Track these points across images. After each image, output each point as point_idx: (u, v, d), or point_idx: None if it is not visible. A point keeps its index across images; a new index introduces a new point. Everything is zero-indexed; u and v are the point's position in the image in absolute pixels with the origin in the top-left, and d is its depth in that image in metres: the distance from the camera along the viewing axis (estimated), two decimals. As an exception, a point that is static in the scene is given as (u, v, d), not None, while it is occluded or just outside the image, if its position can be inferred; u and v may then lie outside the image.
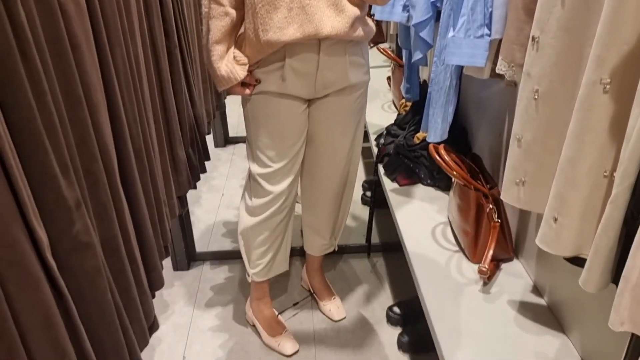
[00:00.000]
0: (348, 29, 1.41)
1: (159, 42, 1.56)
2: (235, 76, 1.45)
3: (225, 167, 3.12)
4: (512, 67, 1.27)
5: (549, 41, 1.02)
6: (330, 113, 1.59)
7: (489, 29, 1.37)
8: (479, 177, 1.51)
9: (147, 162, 1.36)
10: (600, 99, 0.87)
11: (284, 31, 1.37)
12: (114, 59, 1.16)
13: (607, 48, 0.84)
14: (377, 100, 2.75)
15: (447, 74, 1.59)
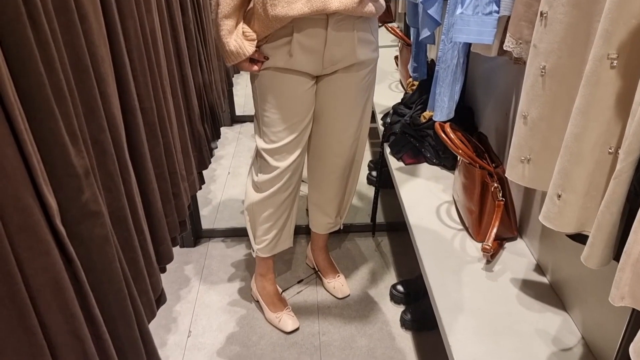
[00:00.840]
0: (357, 4, 1.40)
1: (177, 17, 1.57)
2: (244, 51, 1.45)
3: (232, 145, 3.13)
4: (520, 43, 1.26)
5: (557, 16, 1.01)
6: (338, 90, 1.59)
7: (497, 6, 1.36)
8: (485, 156, 1.51)
9: (161, 135, 1.37)
10: (607, 74, 0.86)
11: (292, 6, 1.36)
12: (126, 32, 1.16)
13: (615, 22, 0.84)
14: (385, 80, 2.74)
15: (455, 52, 1.58)
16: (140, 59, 1.24)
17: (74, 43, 0.91)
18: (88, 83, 0.96)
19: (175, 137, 1.49)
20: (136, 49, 1.22)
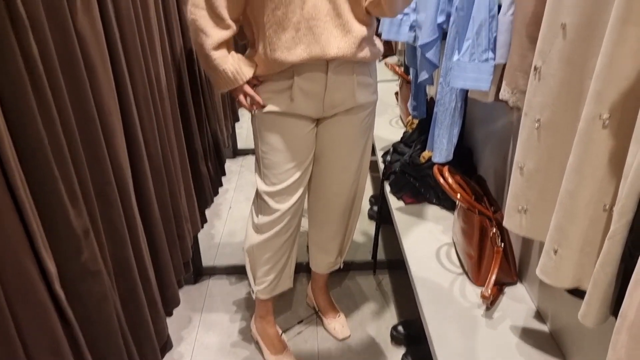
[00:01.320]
0: (355, 50, 1.42)
1: (180, 59, 1.60)
2: (242, 76, 1.44)
3: (234, 179, 3.15)
4: (515, 93, 1.28)
5: (550, 72, 1.03)
6: (338, 132, 1.61)
7: (493, 54, 1.38)
8: (484, 200, 1.52)
9: (166, 179, 1.38)
10: (599, 134, 0.88)
11: (291, 51, 1.39)
12: (133, 80, 1.18)
13: (607, 83, 0.85)
14: (385, 114, 2.77)
15: (453, 95, 1.60)
16: (146, 105, 1.27)
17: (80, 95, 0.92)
18: (94, 135, 0.98)
19: (179, 179, 1.51)
20: (142, 95, 1.24)
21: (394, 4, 1.37)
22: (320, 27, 1.37)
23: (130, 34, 1.16)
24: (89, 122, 0.94)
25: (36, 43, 0.77)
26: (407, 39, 1.84)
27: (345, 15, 1.39)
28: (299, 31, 1.37)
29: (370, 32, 1.47)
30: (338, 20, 1.39)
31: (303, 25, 1.36)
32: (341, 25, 1.39)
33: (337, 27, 1.39)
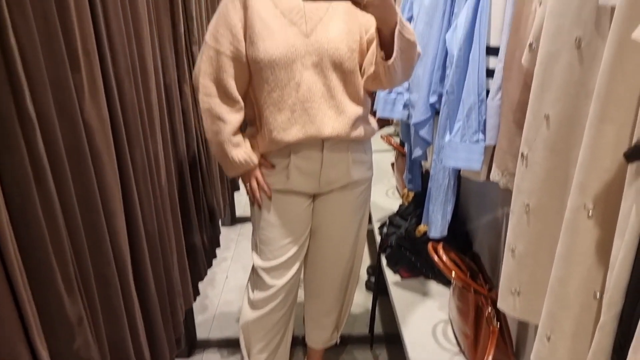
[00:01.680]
0: (349, 130, 1.47)
1: (179, 136, 1.65)
2: (253, 160, 1.49)
3: (232, 247, 3.15)
4: (506, 175, 1.32)
5: (536, 160, 1.07)
6: (334, 208, 1.64)
7: (483, 135, 1.43)
8: (479, 277, 1.52)
9: (162, 256, 1.40)
10: (585, 223, 0.90)
11: (287, 132, 1.43)
12: (134, 161, 1.22)
13: (589, 175, 0.88)
14: (381, 184, 2.81)
15: (446, 173, 1.64)
16: (145, 184, 1.30)
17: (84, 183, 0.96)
18: (97, 221, 1.00)
19: (173, 253, 1.52)
20: (142, 175, 1.28)
21: (394, 77, 1.39)
22: (315, 109, 1.42)
23: (132, 118, 1.21)
24: (92, 209, 0.96)
25: (43, 137, 0.81)
26: (401, 117, 1.91)
27: (339, 96, 1.44)
28: (294, 112, 1.42)
29: (364, 111, 1.52)
30: (332, 102, 1.44)
31: (298, 106, 1.42)
32: (335, 106, 1.44)
33: (331, 108, 1.44)
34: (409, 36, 1.31)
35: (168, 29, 1.57)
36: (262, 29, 1.38)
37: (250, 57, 1.41)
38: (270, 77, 1.40)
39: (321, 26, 1.41)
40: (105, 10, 1.09)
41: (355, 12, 1.43)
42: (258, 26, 1.38)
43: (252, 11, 1.39)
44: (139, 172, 1.26)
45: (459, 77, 1.43)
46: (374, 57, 1.38)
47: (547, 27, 1.00)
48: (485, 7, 1.35)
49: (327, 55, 1.40)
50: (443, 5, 1.60)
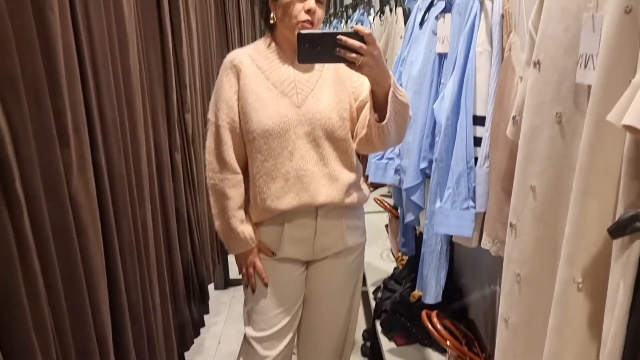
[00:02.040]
0: (343, 196, 1.48)
1: (169, 203, 1.65)
2: (254, 239, 1.49)
3: (224, 311, 3.09)
4: (496, 242, 1.31)
5: (525, 229, 1.07)
6: (328, 275, 1.61)
7: (473, 202, 1.44)
8: (475, 345, 1.49)
9: (145, 327, 1.37)
10: (575, 297, 0.89)
11: (282, 200, 1.44)
12: (120, 232, 1.22)
13: (577, 248, 0.88)
14: (376, 245, 2.79)
15: (438, 238, 1.64)
16: (131, 254, 1.28)
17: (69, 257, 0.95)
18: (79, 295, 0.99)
19: (158, 325, 1.49)
20: (128, 245, 1.27)
21: (387, 139, 1.39)
22: (308, 177, 1.44)
23: (121, 189, 1.21)
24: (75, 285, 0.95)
25: (30, 216, 0.81)
26: (393, 182, 1.92)
27: (332, 164, 1.46)
28: (288, 180, 1.43)
29: (356, 177, 1.54)
30: (325, 169, 1.45)
31: (292, 175, 1.43)
32: (328, 174, 1.46)
33: (324, 175, 1.45)
34: (402, 98, 1.33)
35: (161, 99, 1.61)
36: (255, 100, 1.41)
37: (244, 129, 1.44)
38: (263, 147, 1.42)
39: (312, 97, 1.44)
40: (98, 84, 1.12)
41: (344, 82, 1.47)
42: (251, 98, 1.41)
43: (245, 84, 1.43)
44: (125, 243, 1.26)
45: (448, 146, 1.46)
46: (366, 120, 1.40)
47: (528, 103, 1.03)
48: (471, 79, 1.39)
49: (319, 125, 1.43)
50: (430, 75, 1.65)
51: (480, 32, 1.38)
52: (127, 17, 1.29)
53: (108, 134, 1.15)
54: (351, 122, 1.48)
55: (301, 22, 1.36)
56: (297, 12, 1.36)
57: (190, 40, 1.91)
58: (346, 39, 1.14)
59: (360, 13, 4.12)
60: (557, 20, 0.96)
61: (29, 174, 0.81)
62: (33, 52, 0.83)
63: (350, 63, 1.18)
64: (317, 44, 1.16)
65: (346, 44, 1.15)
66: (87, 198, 1.01)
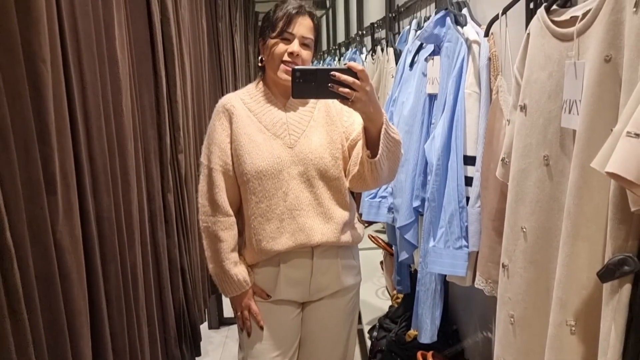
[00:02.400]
0: (338, 235, 1.47)
1: (161, 246, 1.64)
2: (249, 281, 1.47)
3: (217, 352, 3.03)
4: (490, 282, 1.31)
5: (517, 270, 1.07)
6: (324, 316, 1.58)
7: (466, 242, 1.44)
8: (471, 388, 1.46)
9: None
10: (568, 339, 0.88)
11: (277, 240, 1.43)
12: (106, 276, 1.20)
13: (568, 292, 0.88)
14: (371, 283, 2.77)
15: (432, 277, 1.63)
16: (118, 299, 1.26)
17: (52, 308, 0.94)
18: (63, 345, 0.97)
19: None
20: (115, 289, 1.25)
21: (380, 175, 1.38)
22: (303, 216, 1.43)
23: (109, 233, 1.21)
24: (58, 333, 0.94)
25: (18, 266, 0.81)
26: (387, 220, 1.92)
27: (326, 203, 1.46)
28: (283, 221, 1.43)
29: (351, 216, 1.52)
30: (319, 209, 1.45)
31: (287, 215, 1.42)
32: (323, 213, 1.45)
33: (319, 214, 1.45)
34: (394, 135, 1.34)
35: (154, 141, 1.62)
36: (248, 143, 1.42)
37: (237, 171, 1.44)
38: (257, 188, 1.42)
39: (304, 137, 1.45)
40: (89, 129, 1.12)
41: (335, 122, 1.48)
42: (244, 141, 1.43)
43: (238, 127, 1.44)
44: (112, 287, 1.24)
45: (439, 185, 1.46)
46: (359, 157, 1.40)
47: (516, 145, 1.04)
48: (461, 119, 1.41)
49: (312, 165, 1.43)
50: (421, 115, 1.67)
51: (469, 75, 1.41)
52: (120, 61, 1.30)
53: (97, 179, 1.15)
54: (343, 161, 1.48)
55: (283, 62, 1.38)
56: (280, 53, 1.38)
57: (184, 82, 1.93)
58: (340, 75, 1.16)
59: (352, 51, 4.19)
60: (541, 67, 0.98)
61: (15, 222, 0.81)
62: (23, 101, 0.84)
63: (343, 99, 1.19)
64: (311, 79, 1.17)
65: (339, 79, 1.16)
66: (73, 243, 1.00)
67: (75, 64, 1.07)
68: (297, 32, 1.39)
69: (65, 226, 1.00)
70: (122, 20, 1.34)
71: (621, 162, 0.65)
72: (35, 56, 0.87)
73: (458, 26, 1.49)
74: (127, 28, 1.42)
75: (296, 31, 1.39)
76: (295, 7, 1.40)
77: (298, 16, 1.39)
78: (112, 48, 1.26)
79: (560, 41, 0.92)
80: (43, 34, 0.90)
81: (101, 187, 1.16)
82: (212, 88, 2.77)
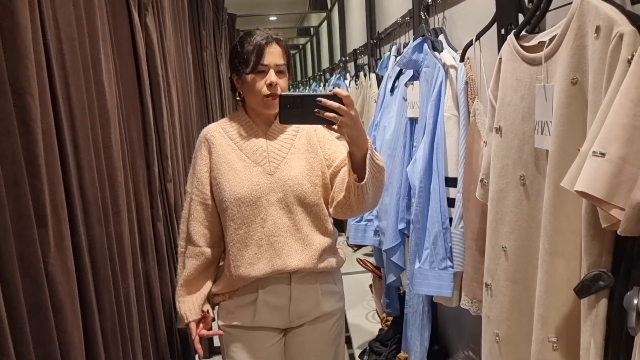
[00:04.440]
0: (316, 262, 1.46)
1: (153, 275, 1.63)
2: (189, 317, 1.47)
3: (209, 382, 3.00)
4: (475, 302, 1.33)
5: (500, 289, 1.09)
6: (306, 342, 1.57)
7: (451, 262, 1.46)
8: (462, 408, 1.47)
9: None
10: (551, 356, 0.90)
11: (254, 266, 1.43)
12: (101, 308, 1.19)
13: (548, 309, 0.91)
14: (361, 306, 2.77)
15: (420, 298, 1.65)
16: (113, 331, 1.26)
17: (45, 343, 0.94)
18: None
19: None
20: (110, 320, 1.25)
21: (365, 200, 1.36)
22: (281, 242, 1.43)
23: (102, 263, 1.21)
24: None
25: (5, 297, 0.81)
26: (373, 243, 1.94)
27: (305, 229, 1.46)
28: (260, 247, 1.43)
29: (331, 242, 1.51)
30: (298, 235, 1.45)
31: (264, 241, 1.43)
32: (301, 239, 1.45)
33: (297, 241, 1.45)
34: (378, 161, 1.36)
35: (143, 170, 1.63)
36: (227, 170, 1.43)
37: (217, 199, 1.46)
38: (236, 215, 1.43)
39: (284, 164, 1.45)
40: (79, 162, 1.14)
41: (316, 150, 1.47)
42: (223, 169, 1.44)
43: (217, 155, 1.46)
44: (107, 319, 1.24)
45: (423, 207, 1.49)
46: (344, 183, 1.40)
47: (494, 166, 1.08)
48: (441, 142, 1.45)
49: (290, 191, 1.43)
50: (403, 139, 1.71)
51: (447, 98, 1.45)
52: (108, 94, 1.33)
53: (89, 210, 1.16)
54: (324, 188, 1.48)
55: (265, 96, 1.40)
56: (260, 87, 1.40)
57: (171, 112, 1.96)
58: (325, 101, 1.18)
59: (337, 77, 4.28)
60: (513, 90, 1.02)
61: (5, 256, 0.82)
62: (12, 136, 0.86)
63: (329, 123, 1.22)
64: (298, 105, 1.19)
65: (325, 105, 1.18)
66: (65, 275, 1.01)
67: (64, 98, 1.09)
68: (270, 62, 1.40)
69: (57, 258, 1.00)
70: (108, 53, 1.37)
71: (589, 181, 0.68)
72: (23, 91, 0.89)
73: (435, 52, 1.54)
74: (114, 61, 1.45)
75: (269, 61, 1.40)
76: (264, 38, 1.40)
77: (267, 46, 1.40)
78: (99, 81, 1.28)
79: (530, 65, 0.96)
80: (31, 68, 0.93)
81: (92, 218, 1.17)
82: (199, 116, 2.80)
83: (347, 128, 1.23)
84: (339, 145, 1.47)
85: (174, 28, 2.22)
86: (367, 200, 1.38)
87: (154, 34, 1.78)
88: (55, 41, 1.10)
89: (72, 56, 1.16)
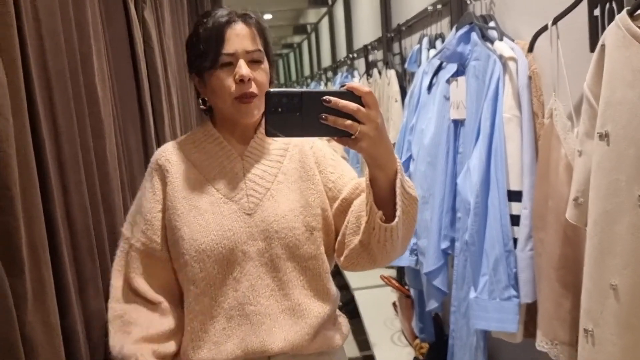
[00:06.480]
0: (308, 341, 1.02)
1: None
2: None
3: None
4: (557, 344, 1.10)
5: (607, 337, 0.87)
6: None
7: (516, 291, 1.24)
8: None
9: None
10: None
11: (221, 347, 1.00)
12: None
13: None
14: (385, 327, 2.52)
15: (471, 330, 1.41)
16: None
17: None
18: None
19: None
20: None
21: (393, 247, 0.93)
22: (260, 314, 1.01)
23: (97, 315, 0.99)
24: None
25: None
26: (409, 263, 1.71)
27: (296, 294, 1.03)
28: (231, 320, 1.01)
29: (332, 309, 1.06)
30: (285, 302, 1.02)
31: (236, 312, 1.01)
32: (289, 309, 1.02)
33: (283, 311, 1.02)
34: (410, 190, 0.92)
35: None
36: (188, 211, 1.02)
37: (172, 251, 1.03)
38: (198, 275, 1.00)
39: (268, 200, 1.03)
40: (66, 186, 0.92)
41: (313, 176, 1.05)
42: (182, 208, 1.02)
43: (174, 189, 1.03)
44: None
45: (479, 226, 1.27)
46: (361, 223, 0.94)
47: (597, 183, 0.85)
48: (500, 149, 1.22)
49: (277, 239, 1.02)
50: (446, 144, 1.48)
51: (507, 97, 1.23)
52: (101, 99, 1.10)
53: (79, 247, 0.94)
54: (325, 232, 1.05)
55: (235, 98, 0.98)
56: (227, 87, 0.98)
57: (172, 117, 1.74)
58: (337, 101, 0.77)
59: (344, 75, 4.01)
60: (628, 85, 0.80)
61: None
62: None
63: (342, 135, 0.80)
64: (294, 107, 0.77)
65: (337, 106, 0.77)
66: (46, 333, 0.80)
67: (46, 108, 0.86)
68: (236, 48, 0.98)
69: (36, 315, 0.78)
70: (100, 50, 1.14)
71: None
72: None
73: (487, 42, 1.31)
74: (108, 60, 1.21)
75: (235, 48, 0.98)
76: (223, 16, 0.99)
77: (229, 27, 0.98)
78: (90, 85, 1.05)
79: (656, 52, 0.73)
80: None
81: (83, 256, 0.94)
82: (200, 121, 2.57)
83: (368, 141, 0.81)
84: (345, 166, 1.08)
85: (172, 23, 1.99)
86: (395, 246, 0.95)
87: (152, 30, 1.54)
88: (34, 36, 0.87)
89: (56, 55, 0.93)
